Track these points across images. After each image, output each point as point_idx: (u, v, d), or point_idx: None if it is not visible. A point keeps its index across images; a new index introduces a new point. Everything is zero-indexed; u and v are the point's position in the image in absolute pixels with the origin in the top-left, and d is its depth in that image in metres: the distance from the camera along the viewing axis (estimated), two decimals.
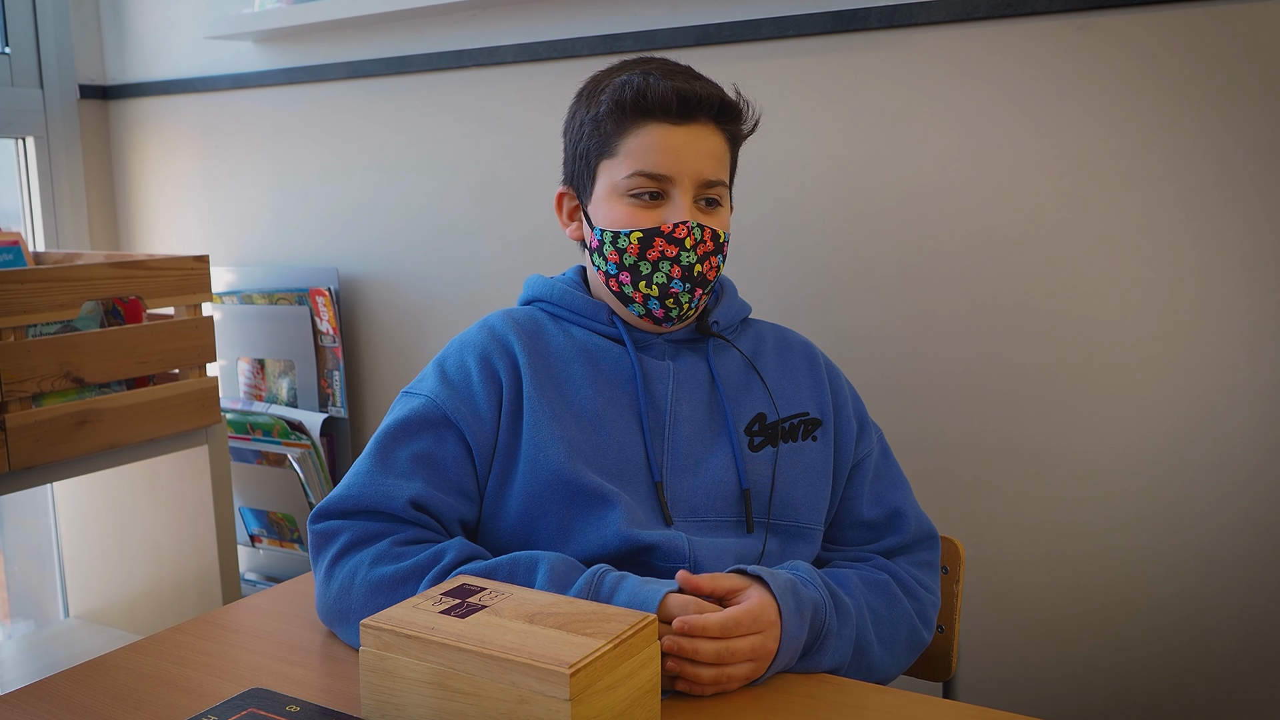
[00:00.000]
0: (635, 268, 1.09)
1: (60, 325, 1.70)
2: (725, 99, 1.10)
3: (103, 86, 2.38)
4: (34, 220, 2.29)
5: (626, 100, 1.09)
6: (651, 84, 1.08)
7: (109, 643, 2.07)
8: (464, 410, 1.07)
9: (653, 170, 1.08)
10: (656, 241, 1.08)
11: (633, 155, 1.09)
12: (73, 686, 0.92)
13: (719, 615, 0.90)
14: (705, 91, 1.09)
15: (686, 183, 1.08)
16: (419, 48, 1.95)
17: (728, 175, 1.13)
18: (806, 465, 1.11)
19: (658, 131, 1.08)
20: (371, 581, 0.98)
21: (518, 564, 0.98)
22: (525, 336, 1.12)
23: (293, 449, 2.05)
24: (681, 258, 1.08)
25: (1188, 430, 1.40)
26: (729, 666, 0.89)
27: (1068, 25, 1.41)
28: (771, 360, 1.17)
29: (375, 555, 1.00)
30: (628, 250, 1.09)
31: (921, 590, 1.11)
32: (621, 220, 1.10)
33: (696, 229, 1.08)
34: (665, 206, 1.09)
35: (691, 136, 1.08)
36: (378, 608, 0.96)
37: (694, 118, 1.08)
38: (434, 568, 0.97)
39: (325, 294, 2.06)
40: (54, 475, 1.71)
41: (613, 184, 1.11)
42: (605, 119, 1.10)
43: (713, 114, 1.09)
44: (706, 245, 1.09)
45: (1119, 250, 1.42)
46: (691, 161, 1.08)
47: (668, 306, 1.10)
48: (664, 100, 1.07)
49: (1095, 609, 1.48)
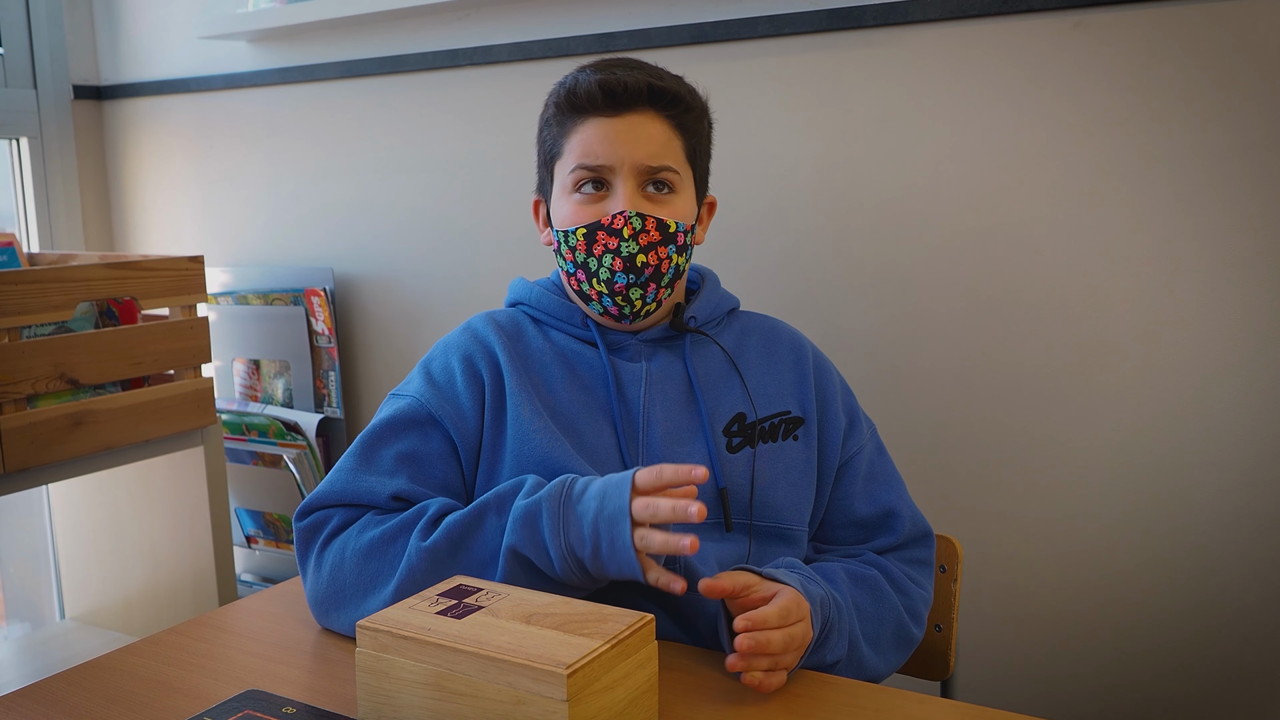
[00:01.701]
0: (586, 264, 1.09)
1: (55, 326, 1.70)
2: (655, 85, 1.09)
3: (97, 87, 2.37)
4: (28, 221, 2.28)
5: (562, 100, 1.11)
6: (580, 80, 1.10)
7: (105, 644, 2.07)
8: (449, 409, 1.08)
9: (590, 162, 1.09)
10: (599, 235, 1.08)
11: (574, 151, 1.10)
12: (68, 689, 0.92)
13: (774, 608, 0.90)
14: (632, 80, 1.08)
15: (626, 171, 1.08)
16: (413, 47, 1.94)
17: (678, 161, 1.11)
18: (787, 466, 1.11)
19: (594, 125, 1.09)
20: (361, 548, 0.99)
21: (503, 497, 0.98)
22: (506, 338, 1.12)
23: (288, 450, 2.05)
24: (621, 249, 1.07)
25: (1185, 427, 1.40)
26: (787, 655, 0.90)
27: (1064, 23, 1.41)
28: (755, 355, 1.16)
29: (361, 526, 1.02)
30: (577, 248, 1.10)
31: (912, 586, 1.11)
32: (570, 217, 1.11)
33: (635, 218, 1.07)
34: (609, 199, 1.09)
35: (628, 125, 1.08)
36: (372, 573, 0.98)
37: (627, 107, 1.09)
38: (420, 520, 0.99)
39: (320, 294, 2.06)
40: (49, 477, 1.70)
41: (563, 183, 1.12)
42: (551, 122, 1.13)
43: (644, 101, 1.09)
44: (650, 235, 1.08)
45: (1115, 247, 1.42)
46: (627, 149, 1.08)
47: (619, 304, 1.09)
48: (590, 94, 1.08)
49: (1093, 607, 1.48)
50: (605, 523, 0.91)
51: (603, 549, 0.91)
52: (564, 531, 0.93)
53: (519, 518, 0.95)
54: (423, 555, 0.96)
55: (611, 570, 0.92)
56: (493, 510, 0.98)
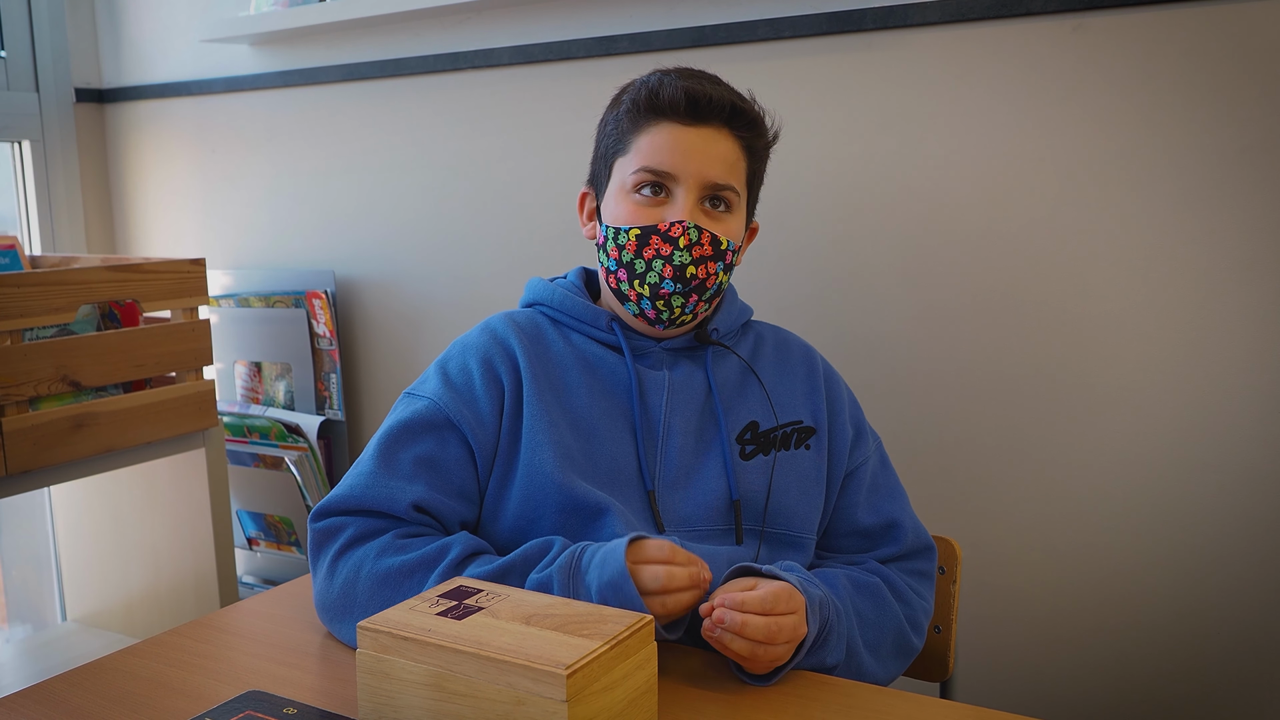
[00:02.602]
0: (631, 265, 1.09)
1: (57, 329, 1.70)
2: (738, 104, 1.10)
3: (99, 90, 2.37)
4: (30, 224, 2.29)
5: (641, 99, 1.10)
6: (665, 83, 1.09)
7: (106, 646, 2.07)
8: (466, 413, 1.07)
9: (657, 166, 1.08)
10: (653, 240, 1.08)
11: (642, 152, 1.09)
12: (70, 690, 0.92)
13: (759, 592, 0.91)
14: (718, 94, 1.08)
15: (691, 183, 1.08)
16: (415, 50, 1.95)
17: (740, 183, 1.12)
18: (799, 474, 1.11)
19: (668, 130, 1.09)
20: (378, 573, 0.98)
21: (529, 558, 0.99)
22: (526, 340, 1.12)
23: (290, 452, 2.05)
24: (674, 256, 1.07)
25: (1185, 429, 1.40)
26: (773, 646, 0.90)
27: (1063, 26, 1.41)
28: (769, 364, 1.17)
29: (380, 548, 1.00)
30: (626, 247, 1.09)
31: (913, 595, 1.11)
32: (624, 217, 1.10)
33: (693, 230, 1.07)
34: (667, 206, 1.09)
35: (701, 138, 1.08)
36: (384, 600, 0.97)
37: (705, 120, 1.08)
38: (441, 562, 0.98)
39: (322, 297, 2.06)
40: (51, 479, 1.71)
41: (622, 181, 1.11)
42: (623, 118, 1.12)
43: (724, 118, 1.09)
44: (704, 249, 1.08)
45: (1116, 250, 1.42)
46: (697, 161, 1.08)
47: (658, 308, 1.09)
48: (674, 99, 1.08)
49: (1093, 608, 1.48)
50: (609, 589, 0.91)
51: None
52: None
53: (534, 590, 0.95)
54: None
55: None
56: (517, 573, 0.98)
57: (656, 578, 0.91)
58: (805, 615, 0.94)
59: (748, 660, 0.91)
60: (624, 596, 0.90)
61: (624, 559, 0.92)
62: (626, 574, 0.91)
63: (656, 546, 0.94)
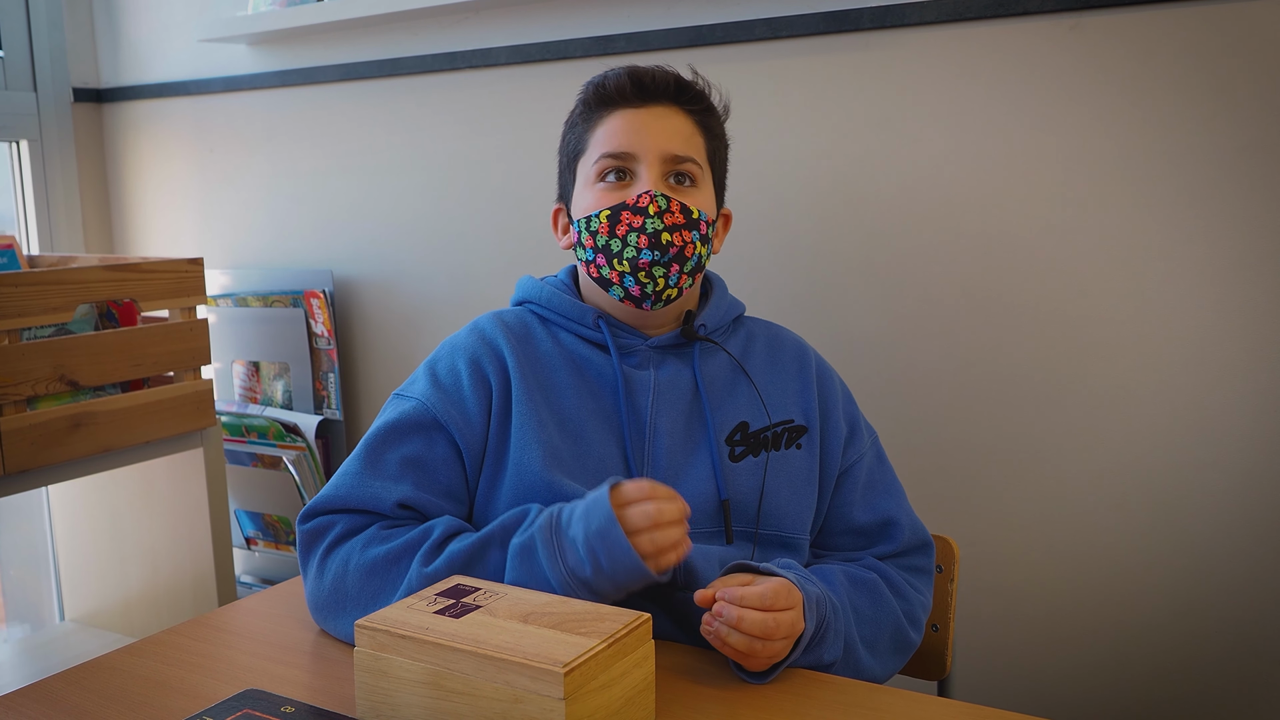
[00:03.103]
0: (608, 247, 1.10)
1: (55, 328, 1.70)
2: (681, 79, 1.13)
3: (97, 90, 2.37)
4: (28, 223, 2.29)
5: (590, 96, 1.14)
6: (609, 75, 1.13)
7: (104, 646, 2.07)
8: (454, 413, 1.07)
9: (616, 149, 1.10)
10: (623, 215, 1.09)
11: (599, 142, 1.12)
12: (68, 688, 0.92)
13: (758, 587, 0.91)
14: (660, 74, 1.12)
15: (651, 158, 1.10)
16: (412, 50, 1.95)
17: (701, 156, 1.13)
18: (790, 474, 1.11)
19: (620, 116, 1.12)
20: (365, 564, 0.99)
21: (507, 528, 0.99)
22: (514, 340, 1.12)
23: (288, 451, 2.05)
24: (647, 225, 1.08)
25: (1183, 429, 1.41)
26: (770, 642, 0.90)
27: (1060, 25, 1.41)
28: (760, 362, 1.17)
29: (366, 540, 1.01)
30: (599, 231, 1.10)
31: (911, 591, 1.11)
32: (592, 205, 1.11)
33: (660, 197, 1.08)
34: (633, 186, 1.10)
35: (653, 115, 1.11)
36: (374, 590, 0.98)
37: (653, 99, 1.12)
38: (424, 543, 0.99)
39: (320, 296, 2.06)
40: (49, 478, 1.71)
41: (586, 176, 1.13)
42: (577, 121, 1.16)
43: (671, 94, 1.12)
44: (675, 216, 1.08)
45: (1113, 249, 1.42)
46: (653, 137, 1.10)
47: (641, 281, 1.09)
48: (620, 85, 1.12)
49: (1090, 607, 1.48)
50: (596, 538, 0.91)
51: (603, 563, 0.92)
52: (561, 560, 0.94)
53: (516, 554, 0.96)
54: (424, 581, 0.96)
55: (620, 579, 0.92)
56: (497, 543, 0.98)
57: (646, 514, 0.92)
58: (803, 611, 0.94)
59: (745, 656, 0.91)
60: (612, 542, 0.91)
61: (610, 505, 0.92)
62: (614, 519, 0.91)
63: (635, 487, 0.94)
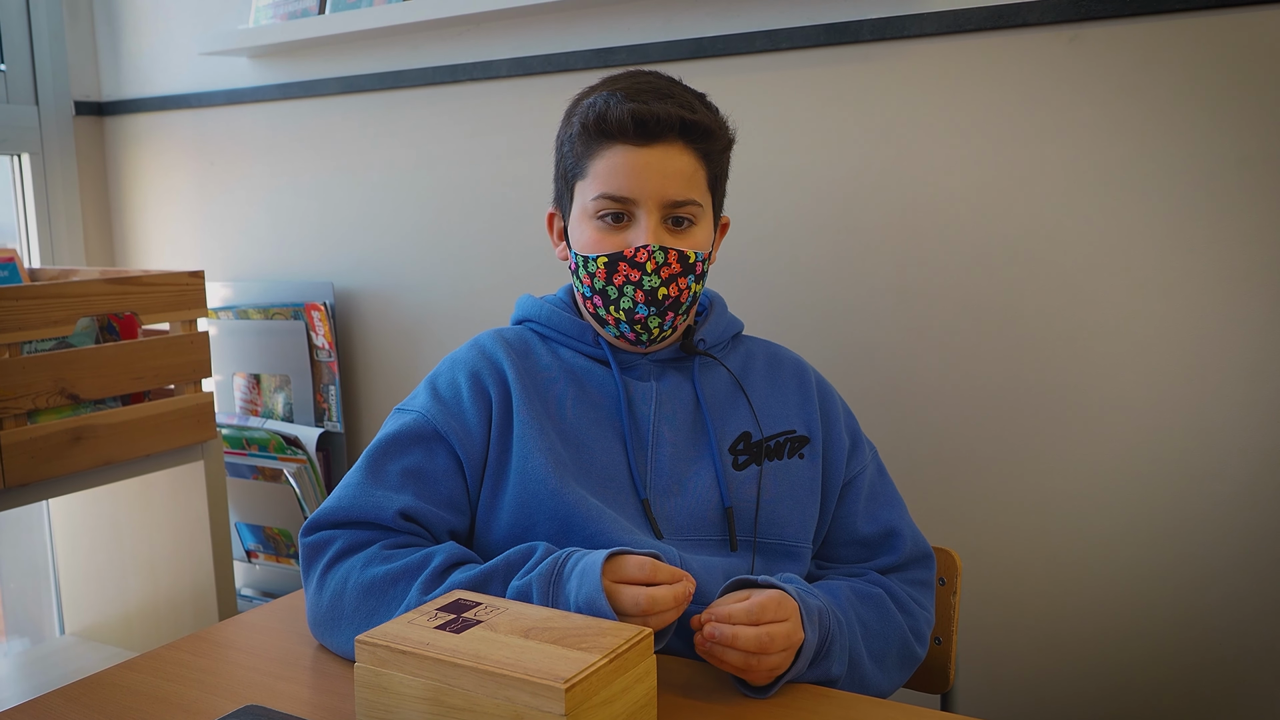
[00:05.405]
0: (605, 292, 1.09)
1: (55, 342, 1.70)
2: (687, 118, 1.07)
3: (98, 103, 2.38)
4: (29, 236, 2.29)
5: (590, 123, 1.09)
6: (612, 106, 1.07)
7: (104, 660, 2.07)
8: (454, 425, 1.08)
9: (615, 193, 1.08)
10: (620, 266, 1.08)
11: (599, 177, 1.09)
12: (68, 705, 0.92)
13: (744, 604, 0.91)
14: (665, 112, 1.06)
15: (650, 204, 1.08)
16: (413, 62, 1.95)
17: (701, 193, 1.11)
18: (793, 483, 1.11)
19: (621, 154, 1.07)
20: (363, 583, 0.99)
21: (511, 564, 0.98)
22: (515, 355, 1.13)
23: (289, 464, 2.05)
24: (644, 282, 1.08)
25: (1185, 439, 1.40)
26: (767, 656, 0.90)
27: (1059, 37, 1.42)
28: (760, 378, 1.17)
29: (367, 558, 1.01)
30: (596, 275, 1.10)
31: (916, 606, 1.11)
32: (590, 244, 1.10)
33: (659, 252, 1.07)
34: (631, 229, 1.09)
35: (655, 157, 1.07)
36: (370, 609, 0.98)
37: (657, 138, 1.07)
38: (424, 570, 0.98)
39: (321, 309, 2.06)
40: (49, 492, 1.70)
41: (584, 205, 1.11)
42: (576, 140, 1.11)
43: (675, 133, 1.07)
44: (672, 268, 1.08)
45: (1113, 260, 1.42)
46: (655, 183, 1.07)
47: (637, 331, 1.10)
48: (622, 123, 1.06)
49: (1093, 619, 1.48)
50: (585, 605, 0.90)
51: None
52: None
53: (514, 598, 0.95)
54: None
55: None
56: (499, 579, 0.97)
57: (637, 602, 0.89)
58: (800, 621, 0.93)
59: (745, 672, 0.91)
60: (597, 614, 0.89)
61: (600, 578, 0.90)
62: (602, 594, 0.89)
63: (637, 565, 0.92)
